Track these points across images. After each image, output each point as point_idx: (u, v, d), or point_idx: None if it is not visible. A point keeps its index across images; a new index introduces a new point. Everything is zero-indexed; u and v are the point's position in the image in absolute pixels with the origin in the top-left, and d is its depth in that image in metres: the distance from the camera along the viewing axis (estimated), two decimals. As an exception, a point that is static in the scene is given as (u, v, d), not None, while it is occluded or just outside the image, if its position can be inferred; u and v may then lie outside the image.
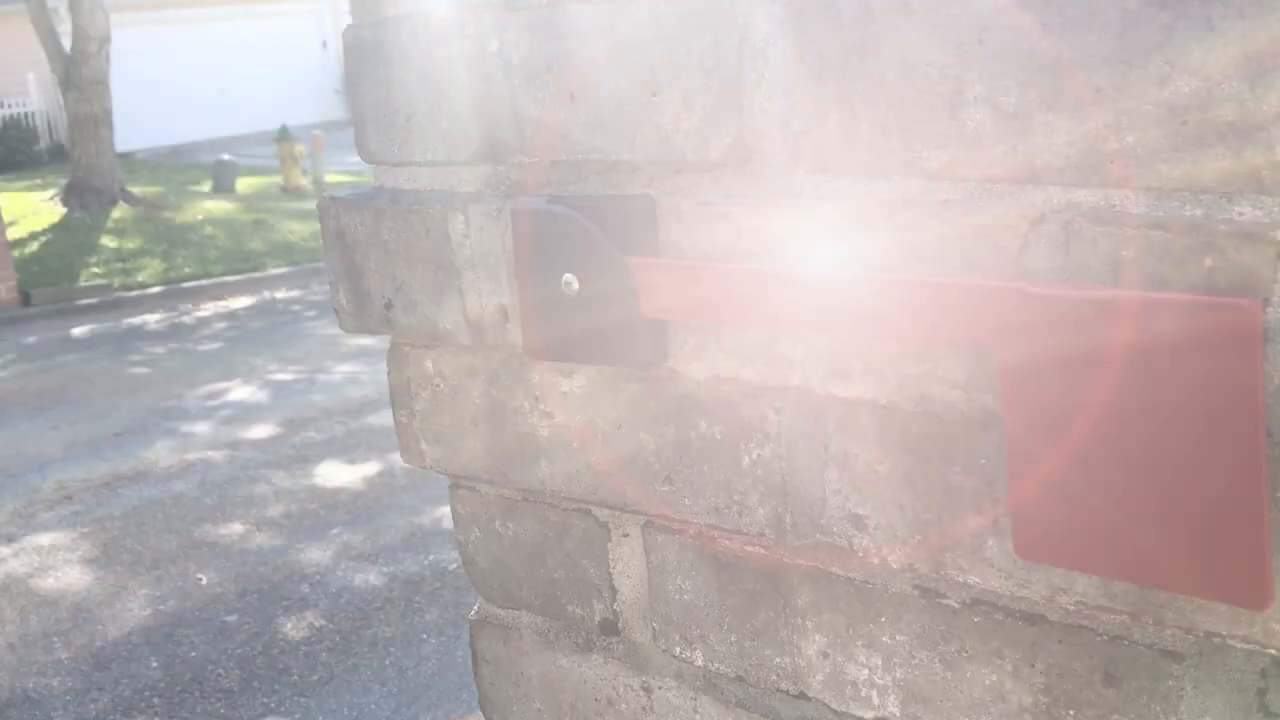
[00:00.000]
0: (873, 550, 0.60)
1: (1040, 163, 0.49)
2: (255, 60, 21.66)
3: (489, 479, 0.78)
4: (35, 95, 19.18)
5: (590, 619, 0.76)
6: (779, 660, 0.67)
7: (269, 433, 5.99)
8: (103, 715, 3.48)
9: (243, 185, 14.84)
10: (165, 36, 20.40)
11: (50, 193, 14.11)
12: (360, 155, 0.79)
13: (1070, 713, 0.55)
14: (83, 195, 13.13)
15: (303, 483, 5.24)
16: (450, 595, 4.07)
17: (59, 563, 4.54)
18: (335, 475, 5.29)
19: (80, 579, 4.39)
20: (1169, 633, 0.51)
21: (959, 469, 0.55)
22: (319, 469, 5.40)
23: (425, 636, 3.82)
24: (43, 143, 19.29)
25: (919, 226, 0.53)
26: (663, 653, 0.73)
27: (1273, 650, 0.48)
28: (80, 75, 12.85)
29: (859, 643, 0.63)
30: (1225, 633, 0.48)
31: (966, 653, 0.58)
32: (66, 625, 4.04)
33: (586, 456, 0.71)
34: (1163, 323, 0.45)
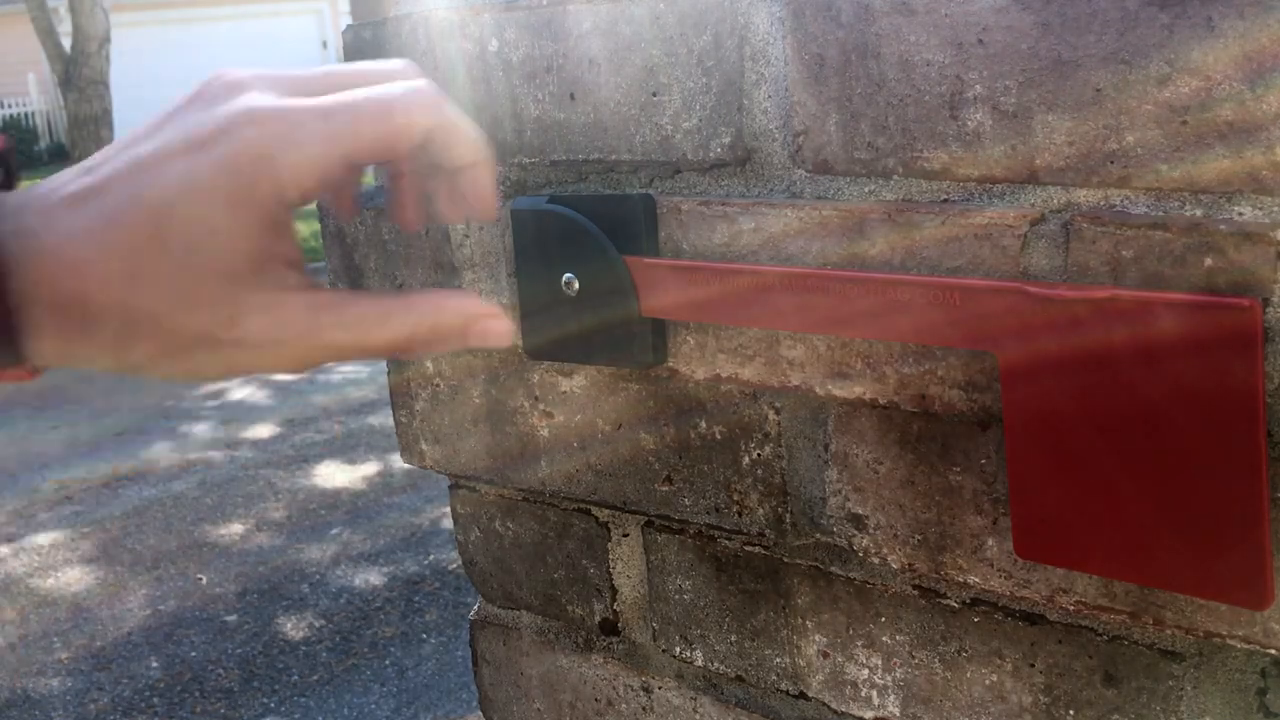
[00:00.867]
0: (872, 550, 0.60)
1: (1040, 163, 0.49)
2: (255, 60, 21.60)
3: (489, 479, 0.78)
4: (35, 95, 19.18)
5: (590, 619, 0.76)
6: (779, 660, 0.67)
7: (269, 433, 5.99)
8: (102, 715, 3.48)
9: (243, 185, 14.83)
10: (165, 36, 20.40)
11: (50, 192, 14.10)
12: (360, 155, 0.79)
13: (1070, 713, 0.55)
14: (83, 195, 13.12)
15: (303, 483, 5.23)
16: (450, 595, 4.07)
17: (59, 562, 4.54)
18: (335, 475, 5.29)
19: (80, 579, 4.39)
20: (1169, 633, 0.51)
21: (959, 469, 0.55)
22: (319, 469, 5.40)
23: (425, 636, 3.82)
24: (43, 143, 19.28)
25: (919, 226, 0.53)
26: (663, 653, 0.73)
27: (1273, 650, 0.48)
28: (80, 75, 12.86)
29: (859, 643, 0.63)
30: (1225, 633, 0.48)
31: (966, 653, 0.58)
32: (66, 625, 4.03)
33: (586, 456, 0.71)
34: (1163, 323, 0.45)
